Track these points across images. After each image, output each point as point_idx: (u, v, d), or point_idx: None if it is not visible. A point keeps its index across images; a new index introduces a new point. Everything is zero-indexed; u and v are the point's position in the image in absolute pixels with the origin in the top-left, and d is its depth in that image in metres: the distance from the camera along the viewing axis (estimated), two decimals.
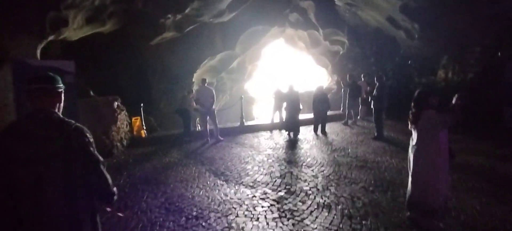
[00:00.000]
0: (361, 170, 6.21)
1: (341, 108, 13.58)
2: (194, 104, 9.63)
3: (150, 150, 8.41)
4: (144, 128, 9.67)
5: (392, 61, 13.10)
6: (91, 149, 1.81)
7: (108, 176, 1.87)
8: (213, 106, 9.27)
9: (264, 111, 25.84)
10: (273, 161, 7.01)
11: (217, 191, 5.23)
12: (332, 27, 15.88)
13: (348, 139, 9.19)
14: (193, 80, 14.87)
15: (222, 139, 9.47)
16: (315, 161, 6.88)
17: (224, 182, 5.66)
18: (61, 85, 1.90)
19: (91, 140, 1.83)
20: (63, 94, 1.92)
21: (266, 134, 10.38)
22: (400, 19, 10.94)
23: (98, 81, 10.38)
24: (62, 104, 1.92)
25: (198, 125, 10.66)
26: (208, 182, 5.68)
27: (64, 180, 1.71)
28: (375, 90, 8.63)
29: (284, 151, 7.96)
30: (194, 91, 9.82)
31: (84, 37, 9.09)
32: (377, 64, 14.77)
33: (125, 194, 5.15)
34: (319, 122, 10.38)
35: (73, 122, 1.81)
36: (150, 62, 13.22)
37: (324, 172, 6.12)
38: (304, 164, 6.70)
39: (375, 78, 8.94)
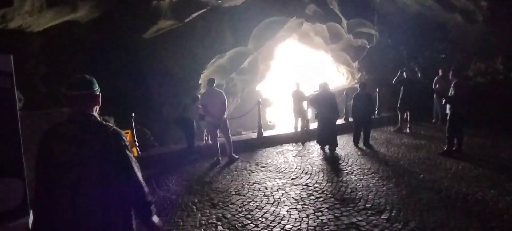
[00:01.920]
0: (461, 214, 3.73)
1: (376, 112, 11.05)
2: (200, 113, 7.23)
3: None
4: (137, 144, 7.32)
5: (439, 53, 10.50)
6: (128, 153, 1.76)
7: (144, 184, 1.82)
8: (225, 115, 6.84)
9: (279, 115, 23.44)
10: (317, 199, 4.54)
11: None
12: (358, 17, 13.34)
13: (406, 155, 6.65)
14: (200, 82, 12.50)
15: (237, 157, 7.05)
16: (381, 199, 4.39)
17: None
18: (97, 88, 1.86)
19: (128, 144, 1.78)
20: (100, 97, 1.88)
21: (292, 148, 7.91)
22: None
23: None
24: (99, 106, 1.88)
25: (206, 138, 8.24)
26: None
27: (101, 185, 1.65)
28: (452, 90, 6.09)
29: (326, 178, 5.48)
30: (199, 96, 7.40)
31: (57, 28, 6.82)
32: (412, 57, 12.20)
33: None
34: (360, 130, 7.88)
35: (110, 125, 1.77)
36: (148, 61, 10.83)
37: (410, 225, 3.64)
38: (367, 205, 4.23)
39: (451, 74, 6.40)
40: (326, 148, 7.48)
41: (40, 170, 1.69)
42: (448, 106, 6.33)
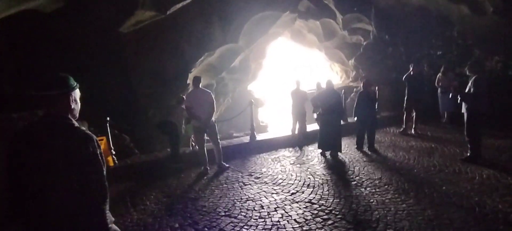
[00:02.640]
0: None
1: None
2: (186, 116, 6.29)
3: (114, 191, 5.06)
4: (113, 153, 6.33)
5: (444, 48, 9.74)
6: (94, 164, 1.63)
7: (103, 208, 1.67)
8: (213, 118, 5.91)
9: (272, 115, 22.59)
10: (325, 221, 3.66)
11: None
12: (354, 12, 12.55)
13: (418, 161, 5.82)
14: (188, 82, 11.54)
15: (227, 166, 6.13)
16: (403, 220, 3.53)
17: None
18: (72, 87, 1.72)
19: (98, 151, 1.66)
20: (73, 96, 1.73)
21: (288, 154, 7.03)
22: None
23: None
24: (74, 106, 1.74)
25: (192, 144, 7.30)
26: None
27: (68, 192, 1.56)
28: (470, 86, 5.28)
29: (332, 192, 4.60)
30: (184, 97, 6.45)
31: (19, 19, 5.81)
32: (409, 55, 11.48)
33: None
34: (365, 132, 7.05)
35: (82, 129, 1.67)
36: (131, 59, 9.82)
37: None
38: (389, 230, 3.38)
39: (468, 67, 5.60)
40: (328, 153, 6.63)
41: (10, 175, 1.60)
42: (464, 105, 5.53)
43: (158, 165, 6.40)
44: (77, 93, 1.77)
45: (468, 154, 5.60)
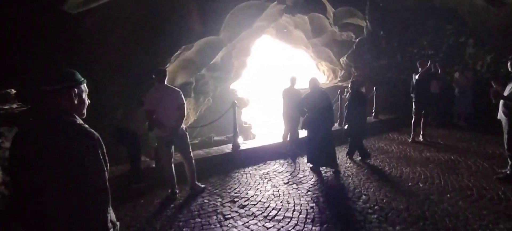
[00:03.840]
0: None
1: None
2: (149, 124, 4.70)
3: None
4: None
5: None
6: (92, 158, 1.51)
7: (105, 209, 1.58)
8: (183, 126, 4.39)
9: (257, 116, 21.24)
10: None
11: None
12: (347, 5, 11.33)
13: (449, 180, 4.54)
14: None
15: (202, 187, 4.62)
16: None
17: None
18: (76, 83, 1.63)
19: (100, 150, 1.55)
20: (76, 92, 1.63)
21: (280, 168, 5.58)
22: None
23: None
24: (78, 103, 1.64)
25: (156, 159, 5.65)
26: None
27: (68, 192, 1.45)
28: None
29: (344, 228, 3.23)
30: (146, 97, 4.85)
31: None
32: (405, 52, 10.41)
33: None
34: (357, 140, 5.77)
35: (82, 125, 1.56)
36: (95, 51, 8.12)
37: None
38: None
39: (510, 64, 4.40)
40: (323, 169, 5.28)
41: (11, 173, 1.55)
42: (502, 111, 4.31)
43: (112, 184, 4.82)
44: (82, 89, 1.66)
45: (508, 172, 4.38)
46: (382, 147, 6.50)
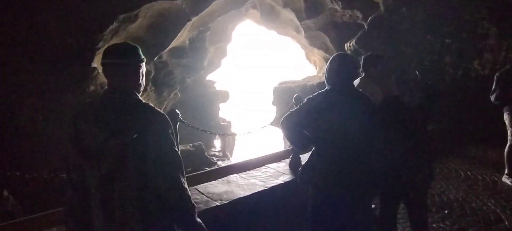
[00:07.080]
0: None
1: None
2: None
3: None
4: None
5: None
6: (170, 144, 1.27)
7: (186, 187, 1.29)
8: None
9: (237, 112, 18.13)
10: None
11: None
12: None
13: None
14: (94, 65, 6.57)
15: None
16: None
17: None
18: (141, 59, 1.38)
19: (172, 133, 1.31)
20: (143, 69, 1.40)
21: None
22: None
23: None
24: (142, 81, 1.40)
25: None
26: None
27: (136, 185, 1.20)
28: None
29: None
30: None
31: None
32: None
33: None
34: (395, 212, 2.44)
35: (152, 106, 1.33)
36: None
37: None
38: None
39: None
40: None
41: (69, 160, 1.30)
42: None
43: None
44: (144, 68, 1.42)
45: None
46: (450, 197, 3.38)
